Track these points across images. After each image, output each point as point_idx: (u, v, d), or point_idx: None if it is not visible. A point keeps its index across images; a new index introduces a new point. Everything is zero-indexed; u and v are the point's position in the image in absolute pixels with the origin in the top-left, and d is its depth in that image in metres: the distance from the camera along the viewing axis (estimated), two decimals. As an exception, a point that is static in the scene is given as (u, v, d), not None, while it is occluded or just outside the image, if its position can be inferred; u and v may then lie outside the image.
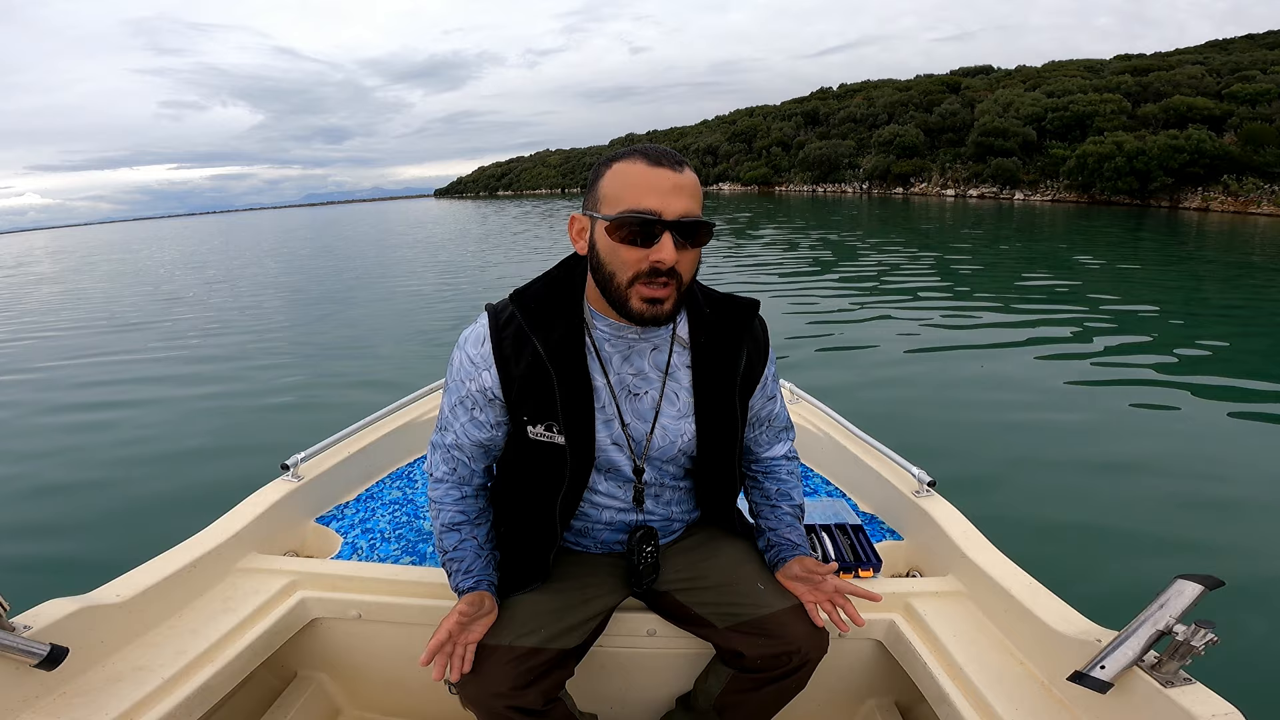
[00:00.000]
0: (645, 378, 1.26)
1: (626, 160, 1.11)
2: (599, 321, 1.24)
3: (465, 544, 1.33)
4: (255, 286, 15.23)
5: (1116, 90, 37.43)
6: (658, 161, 1.09)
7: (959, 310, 8.72)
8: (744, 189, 60.80)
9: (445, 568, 1.34)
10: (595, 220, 1.13)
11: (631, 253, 1.09)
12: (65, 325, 11.35)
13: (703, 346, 1.27)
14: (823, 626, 1.31)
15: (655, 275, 1.09)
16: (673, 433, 1.28)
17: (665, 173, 1.08)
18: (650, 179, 1.08)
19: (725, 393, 1.28)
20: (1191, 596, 1.01)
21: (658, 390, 1.27)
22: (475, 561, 1.32)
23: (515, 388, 1.22)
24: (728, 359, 1.28)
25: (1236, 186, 26.69)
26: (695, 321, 1.28)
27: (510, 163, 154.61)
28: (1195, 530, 3.35)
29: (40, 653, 1.16)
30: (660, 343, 1.27)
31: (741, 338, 1.29)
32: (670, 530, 1.44)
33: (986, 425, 4.83)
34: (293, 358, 7.91)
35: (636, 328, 1.23)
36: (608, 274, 1.13)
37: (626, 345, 1.25)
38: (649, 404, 1.27)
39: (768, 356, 1.36)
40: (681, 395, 1.28)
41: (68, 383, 7.32)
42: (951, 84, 53.79)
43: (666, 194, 1.07)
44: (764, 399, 1.39)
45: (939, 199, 39.35)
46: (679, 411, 1.28)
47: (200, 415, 5.85)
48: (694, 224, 1.09)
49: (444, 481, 1.35)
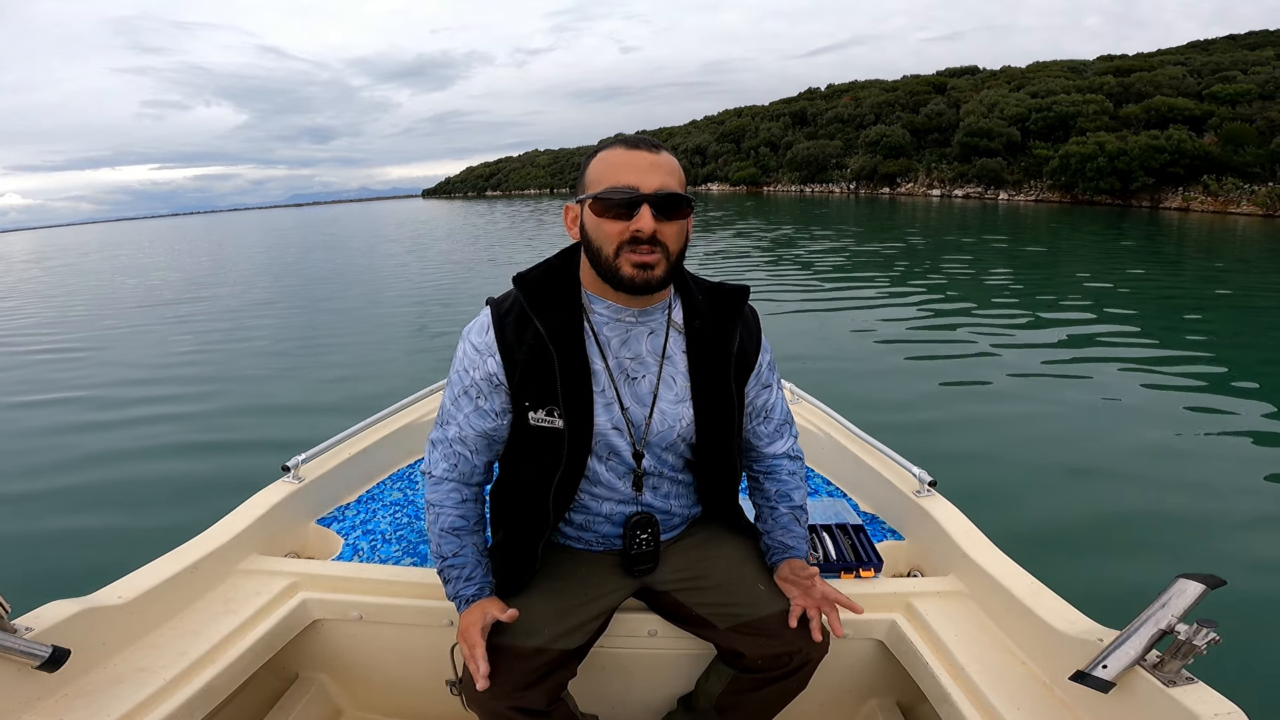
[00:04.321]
0: (642, 362, 1.29)
1: (608, 148, 1.20)
2: (597, 304, 1.27)
3: (465, 550, 1.32)
4: (252, 287, 15.12)
5: (1099, 91, 37.82)
6: (635, 145, 1.17)
7: (958, 310, 8.80)
8: (732, 189, 60.85)
9: (442, 574, 1.33)
10: (583, 203, 1.19)
11: (614, 225, 1.15)
12: (55, 328, 11.22)
13: (697, 330, 1.30)
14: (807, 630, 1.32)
15: (638, 243, 1.14)
16: (671, 417, 1.30)
17: (642, 154, 1.16)
18: (628, 159, 1.16)
19: (721, 376, 1.31)
20: (1193, 596, 1.02)
21: (655, 374, 1.29)
22: (476, 569, 1.32)
23: (518, 372, 1.24)
24: (721, 342, 1.31)
25: (1216, 186, 27.00)
26: (689, 307, 1.32)
27: (499, 163, 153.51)
28: (1196, 530, 3.38)
29: (42, 654, 1.15)
30: (656, 327, 1.30)
31: (734, 321, 1.33)
32: (671, 524, 1.44)
33: (987, 425, 4.87)
34: (293, 358, 7.88)
35: (634, 310, 1.27)
36: (596, 248, 1.18)
37: (624, 329, 1.28)
38: (647, 388, 1.29)
39: (761, 344, 1.39)
40: (678, 379, 1.31)
41: (68, 382, 7.26)
42: (938, 84, 54.07)
43: (644, 171, 1.14)
44: (759, 386, 1.40)
45: (925, 199, 39.58)
46: (676, 396, 1.30)
47: (200, 416, 5.81)
48: (670, 196, 1.15)
49: (444, 482, 1.33)
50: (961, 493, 1.91)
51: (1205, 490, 3.77)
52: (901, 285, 10.94)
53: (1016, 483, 3.94)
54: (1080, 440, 4.51)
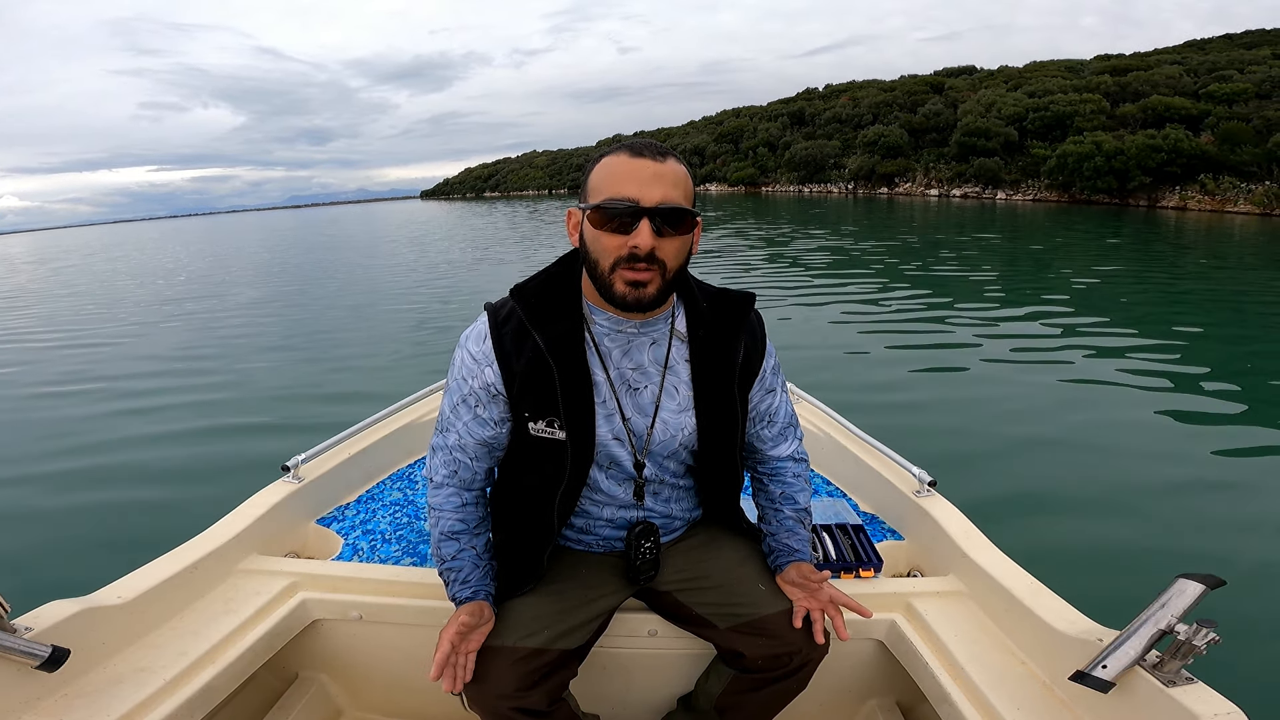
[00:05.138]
0: (644, 372, 1.27)
1: (612, 154, 1.15)
2: (598, 316, 1.25)
3: (464, 554, 1.32)
4: (252, 287, 15.09)
5: (1096, 90, 37.84)
6: (639, 153, 1.12)
7: (960, 310, 8.79)
8: (731, 189, 60.83)
9: (442, 576, 1.33)
10: (584, 212, 1.16)
11: (612, 239, 1.12)
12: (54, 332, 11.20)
13: (701, 339, 1.28)
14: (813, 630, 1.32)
15: (634, 260, 1.11)
16: (673, 426, 1.29)
17: (645, 163, 1.11)
18: (630, 169, 1.11)
19: (724, 385, 1.29)
20: (1193, 596, 1.02)
21: (657, 384, 1.28)
22: (473, 572, 1.31)
23: (517, 383, 1.23)
24: (726, 351, 1.29)
25: (1213, 185, 27.01)
26: (693, 315, 1.29)
27: (497, 164, 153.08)
28: (1196, 529, 3.38)
29: (42, 654, 1.15)
30: (659, 337, 1.28)
31: (738, 330, 1.31)
32: (672, 528, 1.45)
33: (987, 425, 4.87)
34: (293, 358, 7.87)
35: (635, 321, 1.25)
36: (593, 261, 1.16)
37: (626, 340, 1.26)
38: (649, 398, 1.28)
39: (765, 349, 1.37)
40: (681, 389, 1.29)
41: (66, 384, 7.25)
42: (935, 84, 54.08)
43: (646, 182, 1.10)
44: (763, 392, 1.39)
45: (923, 199, 39.56)
46: (679, 405, 1.29)
47: (200, 417, 5.80)
48: (672, 210, 1.11)
49: (444, 487, 1.33)
50: (961, 492, 1.91)
51: (1205, 490, 3.77)
52: (897, 282, 10.94)
53: (1016, 483, 3.93)
54: (1082, 440, 4.50)
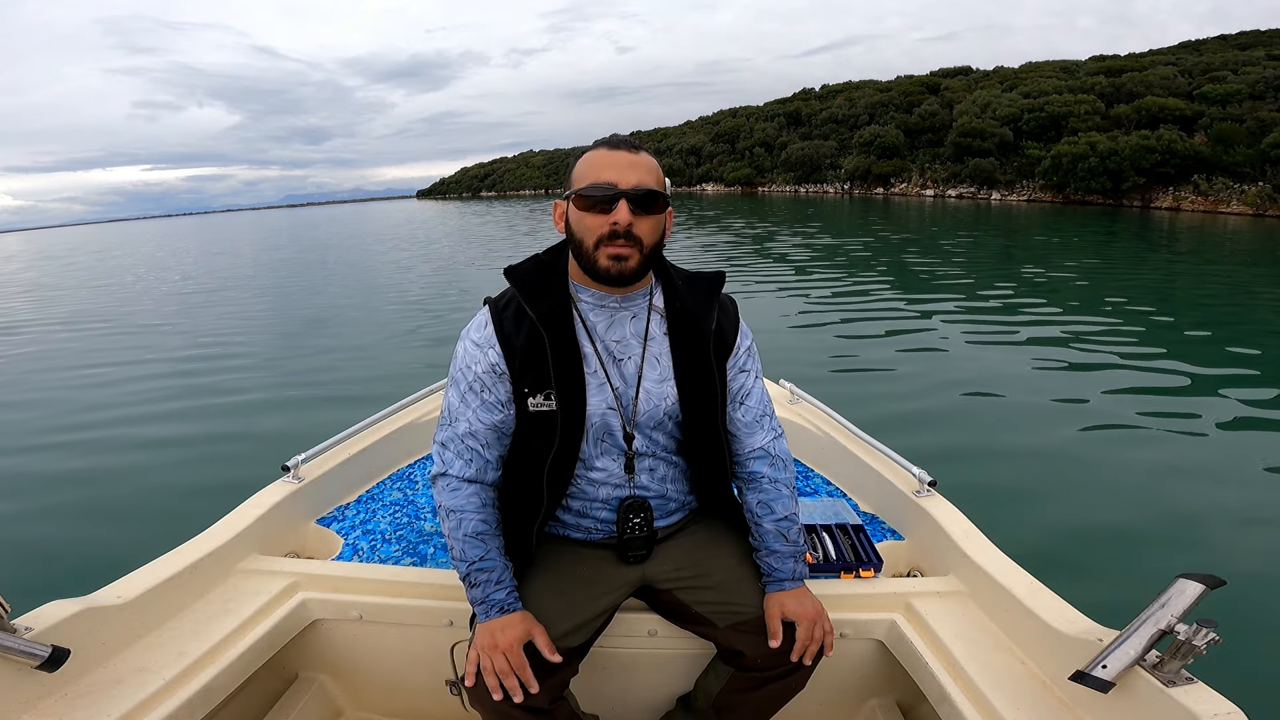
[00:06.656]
0: (627, 344, 1.36)
1: (592, 148, 1.31)
2: (583, 293, 1.36)
3: (492, 554, 1.31)
4: (248, 287, 15.05)
5: (1091, 91, 37.97)
6: (615, 146, 1.28)
7: (960, 310, 8.83)
8: (727, 189, 60.91)
9: (470, 578, 1.30)
10: (569, 199, 1.29)
11: (595, 219, 1.25)
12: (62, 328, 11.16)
13: (678, 312, 1.38)
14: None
15: (615, 237, 1.24)
16: (656, 395, 1.36)
17: (622, 154, 1.27)
18: (609, 159, 1.26)
19: (701, 354, 1.37)
20: (1193, 596, 1.02)
21: (639, 355, 1.36)
22: (505, 572, 1.31)
23: (518, 359, 1.31)
24: (700, 322, 1.38)
25: (1207, 186, 27.13)
26: (670, 292, 1.40)
27: (494, 163, 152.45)
28: (1197, 529, 3.39)
29: (42, 654, 1.15)
30: (639, 311, 1.38)
31: (711, 302, 1.41)
32: (667, 510, 1.45)
33: (987, 425, 4.88)
34: (293, 358, 7.87)
35: (617, 297, 1.36)
36: (578, 240, 1.29)
37: (609, 314, 1.36)
38: (632, 368, 1.36)
39: (740, 329, 1.45)
40: (662, 359, 1.38)
41: (66, 384, 7.23)
42: (931, 85, 54.23)
43: (622, 169, 1.25)
44: (737, 369, 1.44)
45: (919, 199, 39.69)
46: (660, 375, 1.37)
47: (199, 417, 5.79)
48: (645, 193, 1.24)
49: (465, 485, 1.33)
50: (961, 493, 1.91)
51: (1205, 490, 3.78)
52: (897, 282, 10.98)
53: (1016, 483, 3.94)
54: (1082, 439, 4.53)
